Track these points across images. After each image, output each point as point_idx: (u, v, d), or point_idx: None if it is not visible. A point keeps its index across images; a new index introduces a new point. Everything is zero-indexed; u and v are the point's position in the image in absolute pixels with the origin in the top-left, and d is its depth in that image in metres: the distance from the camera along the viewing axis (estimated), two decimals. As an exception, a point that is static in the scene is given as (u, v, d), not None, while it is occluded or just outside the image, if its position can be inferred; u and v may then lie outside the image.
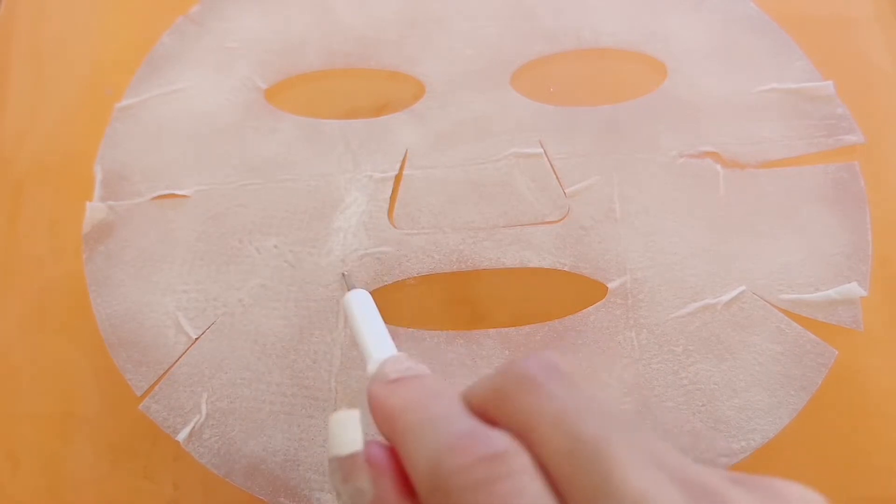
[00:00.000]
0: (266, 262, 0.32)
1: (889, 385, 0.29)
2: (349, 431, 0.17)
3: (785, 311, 0.29)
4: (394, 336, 0.30)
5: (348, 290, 0.25)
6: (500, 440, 0.14)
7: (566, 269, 0.31)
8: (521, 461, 0.14)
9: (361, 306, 0.24)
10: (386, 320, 0.30)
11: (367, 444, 0.17)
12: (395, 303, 0.31)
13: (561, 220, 0.31)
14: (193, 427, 0.29)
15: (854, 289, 0.29)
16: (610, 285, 0.30)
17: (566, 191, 0.32)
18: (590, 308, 0.30)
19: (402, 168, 0.33)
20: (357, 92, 0.35)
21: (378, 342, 0.22)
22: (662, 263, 0.30)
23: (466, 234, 0.31)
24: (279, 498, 0.28)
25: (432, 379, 0.18)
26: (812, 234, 0.30)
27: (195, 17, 0.37)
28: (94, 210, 0.33)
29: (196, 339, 0.30)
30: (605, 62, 0.35)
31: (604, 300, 0.30)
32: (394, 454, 0.17)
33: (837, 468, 0.28)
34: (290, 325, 0.30)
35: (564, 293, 0.30)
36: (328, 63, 0.36)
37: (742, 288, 0.30)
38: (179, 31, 0.37)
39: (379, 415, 0.18)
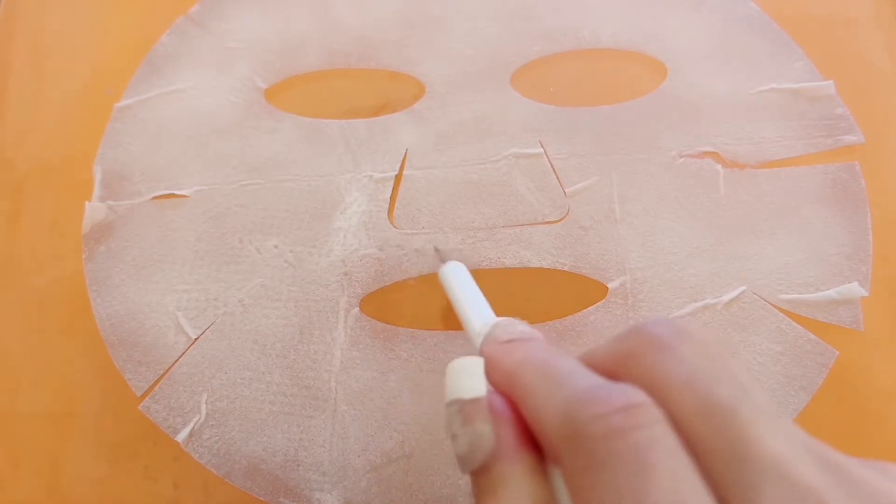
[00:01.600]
0: (266, 262, 0.32)
1: (889, 385, 0.29)
2: (472, 378, 0.17)
3: (785, 312, 0.29)
4: (394, 336, 0.30)
5: (442, 262, 0.25)
6: (634, 393, 0.14)
7: (566, 269, 0.31)
8: (656, 413, 0.14)
9: (459, 277, 0.24)
10: (386, 320, 0.30)
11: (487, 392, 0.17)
12: (395, 303, 0.31)
13: (561, 220, 0.31)
14: (193, 427, 0.29)
15: (854, 289, 0.29)
16: (610, 285, 0.30)
17: (566, 191, 0.32)
18: (590, 308, 0.30)
19: (402, 168, 0.33)
20: (357, 92, 0.35)
21: (480, 309, 0.22)
22: (662, 263, 0.30)
23: (466, 234, 0.31)
24: (279, 498, 0.28)
25: (546, 341, 0.18)
26: (812, 234, 0.30)
27: (195, 17, 0.37)
28: (94, 210, 0.33)
29: (196, 339, 0.30)
30: (605, 62, 0.35)
31: (604, 300, 0.30)
32: (513, 406, 0.17)
33: (837, 468, 0.28)
34: (290, 325, 0.30)
35: (564, 293, 0.30)
36: (328, 63, 0.36)
37: (742, 288, 0.30)
38: (179, 31, 0.37)
39: (497, 372, 0.18)
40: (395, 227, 0.32)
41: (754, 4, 0.35)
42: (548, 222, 0.31)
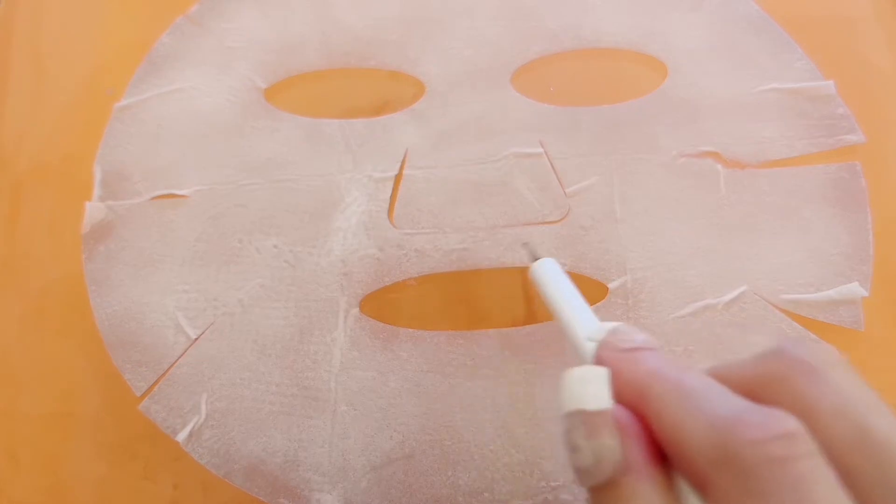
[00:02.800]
0: (266, 262, 0.32)
1: (890, 385, 0.29)
2: (597, 387, 0.17)
3: (785, 311, 0.29)
4: (394, 336, 0.30)
5: (533, 259, 0.24)
6: (790, 420, 0.14)
7: (566, 269, 0.30)
8: (813, 445, 0.14)
9: (554, 275, 0.23)
10: (386, 320, 0.30)
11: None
12: (395, 303, 0.31)
13: (561, 220, 0.31)
14: (193, 427, 0.29)
15: (855, 289, 0.29)
16: (610, 285, 0.30)
17: (566, 191, 0.32)
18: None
19: (402, 168, 0.33)
20: (357, 92, 0.35)
21: (583, 311, 0.21)
22: (663, 263, 0.30)
23: (466, 234, 0.31)
24: (279, 498, 0.28)
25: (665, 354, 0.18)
26: (813, 234, 0.30)
27: (195, 17, 0.37)
28: (94, 210, 0.33)
29: (196, 339, 0.30)
30: (605, 62, 0.35)
31: (604, 300, 0.30)
32: (639, 420, 0.16)
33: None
34: (290, 325, 0.30)
35: (564, 293, 0.30)
36: (328, 63, 0.36)
37: (743, 288, 0.30)
38: (179, 31, 0.37)
39: (623, 383, 0.17)
40: (395, 227, 0.32)
41: (754, 4, 0.35)
42: (548, 222, 0.31)
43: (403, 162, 0.33)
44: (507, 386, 0.29)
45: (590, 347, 0.19)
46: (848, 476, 0.14)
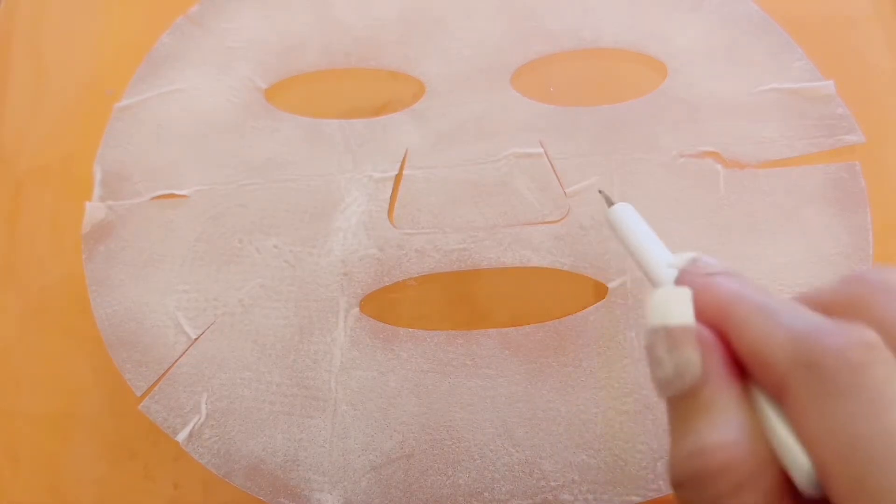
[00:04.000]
0: (266, 262, 0.32)
1: (889, 385, 0.29)
2: (681, 305, 0.18)
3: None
4: (394, 336, 0.30)
5: (609, 205, 0.25)
6: (868, 332, 0.15)
7: (566, 268, 0.31)
8: (889, 354, 0.15)
9: (631, 217, 0.24)
10: (386, 320, 0.30)
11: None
12: (395, 303, 0.31)
13: (561, 220, 0.31)
14: (193, 427, 0.29)
15: (854, 289, 0.29)
16: (610, 285, 0.30)
17: (566, 191, 0.32)
18: (590, 308, 0.30)
19: (402, 168, 0.33)
20: (357, 92, 0.35)
21: (659, 247, 0.22)
22: (662, 263, 0.30)
23: (466, 234, 0.31)
24: (279, 498, 0.28)
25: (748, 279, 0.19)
26: (812, 234, 0.30)
27: (195, 17, 0.37)
28: (94, 210, 0.33)
29: (196, 339, 0.30)
30: (605, 62, 0.35)
31: (604, 300, 0.30)
32: (720, 338, 0.17)
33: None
34: (289, 325, 0.30)
35: (564, 293, 0.30)
36: (328, 63, 0.36)
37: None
38: (179, 31, 0.37)
39: (706, 303, 0.18)
40: (395, 227, 0.32)
41: (754, 4, 0.35)
42: (548, 222, 0.31)
43: (403, 162, 0.33)
44: (507, 386, 0.29)
45: (670, 275, 0.20)
46: None
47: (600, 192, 0.27)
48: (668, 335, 0.17)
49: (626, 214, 0.24)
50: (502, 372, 0.29)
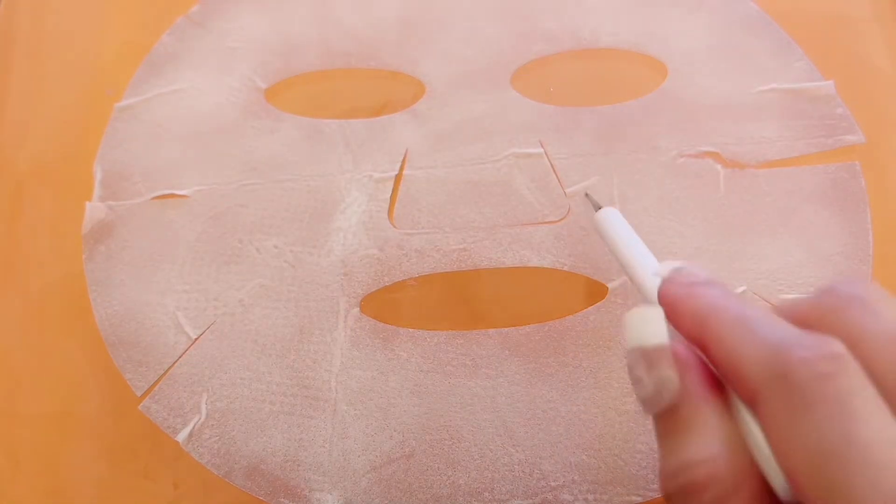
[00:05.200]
0: (266, 262, 0.32)
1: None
2: (654, 325, 0.18)
3: (785, 311, 0.29)
4: (394, 336, 0.30)
5: (595, 209, 0.25)
6: (837, 343, 0.15)
7: (566, 269, 0.31)
8: (857, 365, 0.15)
9: (617, 223, 0.24)
10: (386, 320, 0.30)
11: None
12: (395, 303, 0.31)
13: (561, 220, 0.31)
14: (193, 427, 0.29)
15: (854, 289, 0.29)
16: (610, 285, 0.30)
17: (566, 191, 0.32)
18: (590, 308, 0.30)
19: (402, 168, 0.33)
20: (357, 92, 0.35)
21: (645, 254, 0.23)
22: (662, 263, 0.30)
23: (466, 234, 0.31)
24: (279, 498, 0.28)
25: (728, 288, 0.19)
26: (812, 234, 0.30)
27: (195, 17, 0.37)
28: (94, 210, 0.33)
29: (196, 339, 0.30)
30: (605, 62, 0.35)
31: (604, 300, 0.30)
32: (695, 353, 0.18)
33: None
34: (289, 326, 0.30)
35: (564, 293, 0.30)
36: (328, 63, 0.36)
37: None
38: (179, 31, 0.37)
39: (683, 315, 0.18)
40: (395, 227, 0.32)
41: (754, 4, 0.35)
42: (548, 222, 0.31)
43: (403, 162, 0.33)
44: (507, 386, 0.29)
45: (654, 283, 0.20)
46: (891, 398, 0.15)
47: (587, 195, 0.27)
48: (645, 355, 0.18)
49: (613, 220, 0.24)
50: (502, 372, 0.29)
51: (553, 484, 0.27)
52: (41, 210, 0.34)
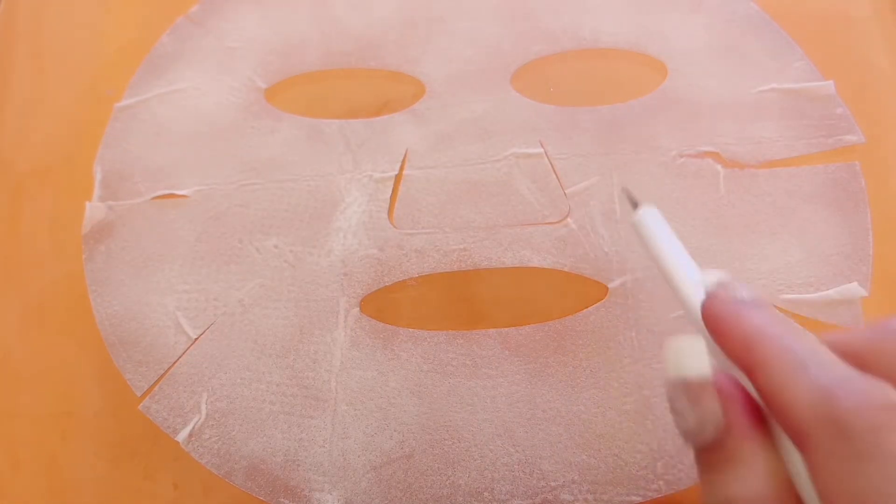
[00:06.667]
0: (266, 262, 0.32)
1: (889, 385, 0.29)
2: (697, 357, 0.17)
3: (785, 311, 0.29)
4: (394, 336, 0.30)
5: (633, 206, 0.23)
6: (893, 392, 0.15)
7: (566, 269, 0.31)
8: None
9: (658, 225, 0.22)
10: (386, 320, 0.30)
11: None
12: (395, 303, 0.31)
13: (561, 220, 0.31)
14: (193, 427, 0.29)
15: (854, 289, 0.29)
16: (610, 285, 0.30)
17: (566, 191, 0.32)
18: (590, 308, 0.30)
19: (402, 168, 0.33)
20: (357, 92, 0.35)
21: (687, 262, 0.21)
22: (662, 263, 0.30)
23: (466, 234, 0.31)
24: (279, 498, 0.28)
25: (774, 308, 0.18)
26: (812, 234, 0.30)
27: (195, 17, 0.37)
28: (94, 210, 0.33)
29: (196, 339, 0.30)
30: (605, 62, 0.35)
31: (604, 300, 0.30)
32: (738, 385, 0.17)
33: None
34: (289, 326, 0.30)
35: (564, 293, 0.30)
36: (328, 63, 0.36)
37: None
38: (179, 31, 0.37)
39: (729, 338, 0.18)
40: (395, 227, 0.32)
41: (754, 4, 0.35)
42: (548, 222, 0.31)
43: (403, 162, 0.33)
44: (507, 386, 0.29)
45: (697, 299, 0.19)
46: None
47: (624, 189, 0.25)
48: (687, 389, 0.17)
49: (654, 221, 0.22)
50: (502, 372, 0.29)
51: (553, 484, 0.27)
52: (41, 210, 0.34)
